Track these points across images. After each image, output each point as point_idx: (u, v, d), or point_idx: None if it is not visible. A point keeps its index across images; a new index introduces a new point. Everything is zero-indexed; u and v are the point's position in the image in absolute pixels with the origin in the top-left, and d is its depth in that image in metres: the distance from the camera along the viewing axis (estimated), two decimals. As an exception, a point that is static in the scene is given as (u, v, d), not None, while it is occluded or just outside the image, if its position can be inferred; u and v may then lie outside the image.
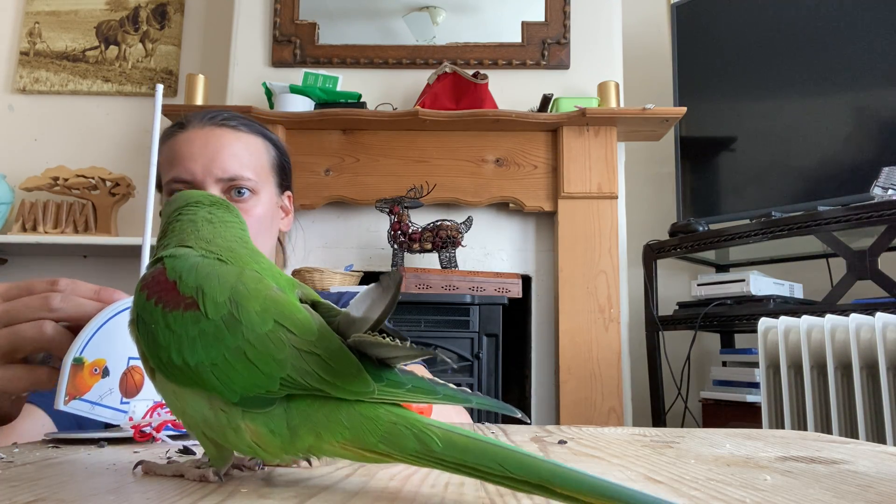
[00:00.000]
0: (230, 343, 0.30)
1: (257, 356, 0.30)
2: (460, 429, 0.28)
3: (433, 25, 2.48)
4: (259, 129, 0.97)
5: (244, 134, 0.94)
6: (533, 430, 0.62)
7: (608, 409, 2.10)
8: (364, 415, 0.29)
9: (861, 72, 2.06)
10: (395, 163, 2.30)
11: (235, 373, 0.30)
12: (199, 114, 0.94)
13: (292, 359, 0.29)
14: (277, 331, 0.30)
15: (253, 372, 0.30)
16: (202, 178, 0.88)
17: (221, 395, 0.31)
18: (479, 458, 0.26)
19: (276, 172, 0.98)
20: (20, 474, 0.36)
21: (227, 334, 0.31)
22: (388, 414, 0.29)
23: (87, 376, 0.48)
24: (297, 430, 0.30)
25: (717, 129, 2.38)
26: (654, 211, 2.60)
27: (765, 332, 1.65)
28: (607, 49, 2.42)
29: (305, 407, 0.30)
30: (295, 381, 0.29)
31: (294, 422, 0.30)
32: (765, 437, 0.60)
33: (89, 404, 0.48)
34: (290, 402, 0.30)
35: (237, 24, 2.47)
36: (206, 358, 0.31)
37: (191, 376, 0.31)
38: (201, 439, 0.34)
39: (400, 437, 0.28)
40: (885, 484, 0.36)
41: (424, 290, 2.04)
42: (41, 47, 2.84)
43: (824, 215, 1.78)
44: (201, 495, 0.31)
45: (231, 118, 0.95)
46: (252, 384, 0.30)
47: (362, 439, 0.29)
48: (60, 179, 2.51)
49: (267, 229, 0.94)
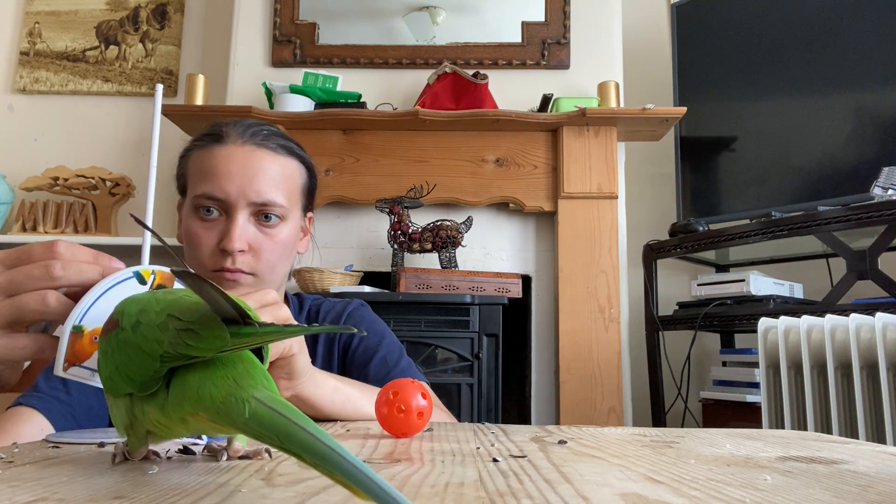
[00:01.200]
0: (132, 341, 0.36)
1: (146, 343, 0.35)
2: (284, 409, 0.30)
3: (433, 25, 2.48)
4: (297, 152, 0.94)
5: (282, 157, 0.91)
6: (533, 430, 0.62)
7: (608, 409, 2.10)
8: (215, 384, 0.33)
9: (861, 72, 2.06)
10: (395, 163, 2.30)
11: (133, 364, 0.35)
12: (238, 127, 0.90)
13: (171, 337, 0.34)
14: (168, 321, 0.35)
15: (143, 357, 0.35)
16: (235, 200, 0.86)
17: (129, 391, 0.36)
18: (275, 431, 0.29)
19: (304, 196, 0.96)
20: (20, 474, 0.36)
21: (131, 335, 0.36)
22: (232, 387, 0.32)
23: (87, 344, 0.48)
24: (171, 402, 0.35)
25: (717, 129, 2.38)
26: (654, 211, 2.60)
27: (765, 332, 1.65)
28: (607, 49, 2.42)
29: (179, 381, 0.34)
30: (171, 354, 0.34)
31: (171, 396, 0.35)
32: (765, 437, 0.60)
33: (89, 371, 0.48)
34: (173, 379, 0.35)
35: (237, 24, 2.47)
36: (118, 361, 0.37)
37: (112, 386, 0.37)
38: (128, 434, 0.39)
39: (231, 407, 0.32)
40: (885, 484, 0.36)
41: (424, 290, 2.04)
42: (41, 47, 2.84)
43: (824, 215, 1.78)
44: (201, 495, 0.31)
45: (270, 136, 0.91)
46: (143, 368, 0.35)
47: (207, 407, 0.33)
48: (60, 179, 2.51)
49: (287, 255, 0.92)
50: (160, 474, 0.37)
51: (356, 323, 1.03)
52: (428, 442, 0.53)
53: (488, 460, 0.43)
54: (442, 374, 2.00)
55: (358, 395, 0.76)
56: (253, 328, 0.32)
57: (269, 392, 0.32)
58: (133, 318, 0.36)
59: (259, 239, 0.87)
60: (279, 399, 0.31)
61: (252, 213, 0.87)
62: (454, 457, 0.44)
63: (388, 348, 0.99)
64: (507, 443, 0.52)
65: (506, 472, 0.38)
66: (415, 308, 2.00)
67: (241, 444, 0.42)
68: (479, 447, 0.49)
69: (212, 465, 0.40)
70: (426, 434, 0.59)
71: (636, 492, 0.33)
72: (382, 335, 1.01)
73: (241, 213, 0.86)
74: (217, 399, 0.32)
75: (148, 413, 0.36)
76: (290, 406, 0.31)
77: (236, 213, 0.86)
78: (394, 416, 0.55)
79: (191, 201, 0.89)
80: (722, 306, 1.99)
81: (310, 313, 1.04)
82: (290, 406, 0.31)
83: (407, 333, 1.97)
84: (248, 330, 0.32)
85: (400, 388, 0.56)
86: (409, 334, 1.97)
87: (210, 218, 0.87)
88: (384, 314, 1.97)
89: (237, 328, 0.32)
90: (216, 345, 0.32)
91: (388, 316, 1.96)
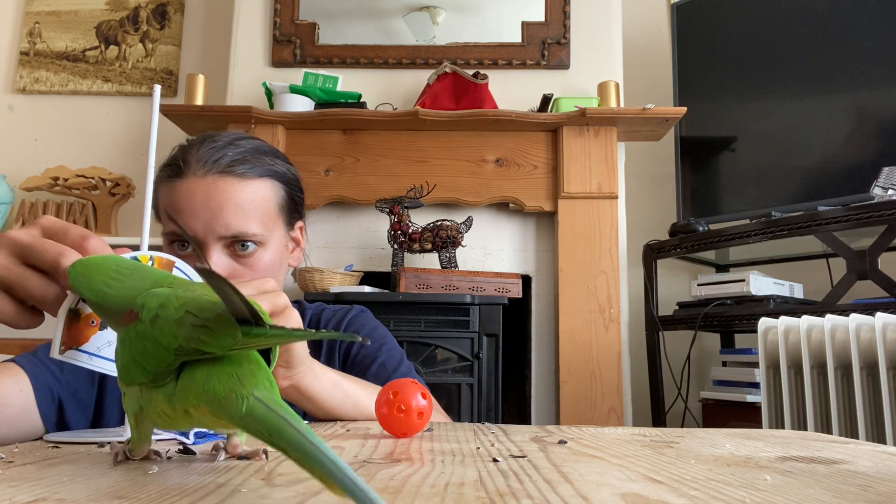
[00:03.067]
0: (149, 333, 0.37)
1: (162, 336, 0.36)
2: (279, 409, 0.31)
3: (433, 25, 2.48)
4: (268, 170, 0.87)
5: (251, 181, 0.84)
6: (533, 430, 0.62)
7: (608, 409, 2.10)
8: (220, 380, 0.34)
9: (861, 72, 2.06)
10: (395, 163, 2.30)
11: (149, 355, 0.37)
12: (199, 155, 0.83)
13: (186, 332, 0.35)
14: (185, 317, 0.36)
15: (159, 349, 0.36)
16: (203, 237, 0.81)
17: (142, 380, 0.38)
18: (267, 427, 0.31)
19: (285, 213, 0.90)
20: (20, 474, 0.36)
21: (149, 328, 0.37)
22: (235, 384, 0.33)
23: (84, 327, 0.48)
24: (178, 393, 0.36)
25: (717, 129, 2.38)
26: (654, 211, 2.60)
27: (765, 332, 1.65)
28: (607, 49, 2.42)
29: (188, 374, 0.36)
30: (185, 348, 0.35)
31: (178, 388, 0.36)
32: (765, 437, 0.60)
33: (87, 355, 0.48)
34: (183, 372, 0.36)
35: (237, 24, 2.47)
36: (133, 353, 0.38)
37: (127, 375, 0.39)
38: (132, 425, 0.40)
39: (231, 403, 0.33)
40: (885, 484, 0.36)
41: (424, 290, 2.04)
42: (41, 47, 2.84)
43: (824, 215, 1.78)
44: (201, 495, 0.31)
45: (235, 162, 0.84)
46: (158, 360, 0.36)
47: (209, 400, 0.34)
48: (60, 179, 2.51)
49: (274, 276, 0.87)
50: (160, 474, 0.37)
51: (357, 329, 1.02)
52: (428, 442, 0.53)
53: (488, 460, 0.43)
54: (442, 375, 2.00)
55: (360, 392, 0.75)
56: (264, 329, 0.33)
57: (269, 393, 0.33)
58: (152, 312, 0.37)
59: (238, 270, 0.83)
60: (277, 400, 0.33)
61: (226, 245, 0.83)
62: (454, 457, 0.44)
63: (387, 353, 0.98)
64: (507, 443, 0.52)
65: (506, 472, 0.38)
66: (415, 308, 2.00)
67: (239, 440, 0.43)
68: (479, 447, 0.49)
69: (212, 465, 0.40)
70: (426, 434, 0.59)
71: (636, 492, 0.33)
72: (383, 341, 1.01)
73: (213, 249, 0.82)
74: (219, 394, 0.33)
75: (155, 402, 0.37)
76: (286, 407, 0.32)
77: (208, 249, 0.82)
78: (394, 416, 0.55)
79: (165, 239, 0.85)
80: (722, 306, 1.99)
81: (311, 322, 1.04)
82: (287, 407, 0.32)
83: (407, 333, 1.97)
84: (258, 331, 0.33)
85: (400, 388, 0.56)
86: (409, 334, 1.97)
87: (185, 252, 0.84)
88: (384, 314, 1.98)
89: (249, 328, 0.33)
90: (227, 343, 0.34)
91: (388, 316, 1.97)
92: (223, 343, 0.34)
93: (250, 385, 0.33)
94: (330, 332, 0.33)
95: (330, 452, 0.28)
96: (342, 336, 0.33)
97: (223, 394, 0.33)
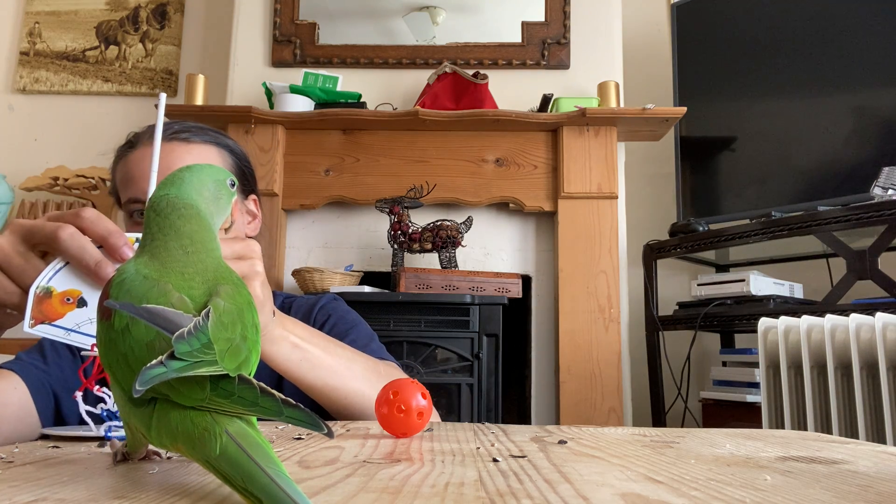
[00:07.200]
0: (120, 349, 0.35)
1: (135, 362, 0.34)
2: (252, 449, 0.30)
3: (433, 25, 2.48)
4: (213, 138, 0.93)
5: (196, 145, 0.89)
6: (533, 430, 0.62)
7: (608, 410, 2.10)
8: (193, 420, 0.32)
9: (861, 72, 2.06)
10: (395, 163, 2.30)
11: (122, 374, 0.35)
12: (148, 130, 0.90)
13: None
14: (155, 341, 0.33)
15: (130, 376, 0.33)
16: None
17: (119, 392, 0.36)
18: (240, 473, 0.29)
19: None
20: (20, 474, 0.36)
21: (120, 342, 0.35)
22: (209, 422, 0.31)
23: (57, 304, 0.50)
24: (154, 428, 0.34)
25: (717, 129, 2.38)
26: (654, 211, 2.60)
27: (765, 332, 1.65)
28: (607, 49, 2.42)
29: (162, 410, 0.33)
30: (154, 388, 0.32)
31: (155, 421, 0.34)
32: (765, 437, 0.60)
33: (63, 330, 0.50)
34: (157, 405, 0.34)
35: (237, 24, 2.47)
36: (109, 360, 0.36)
37: (111, 376, 0.37)
38: (125, 427, 0.39)
39: (206, 443, 0.31)
40: (885, 484, 0.36)
41: (424, 290, 2.04)
42: (41, 47, 2.84)
43: (824, 215, 1.78)
44: (201, 495, 0.31)
45: (182, 130, 0.90)
46: (130, 381, 0.33)
47: (185, 441, 0.32)
48: (60, 179, 2.51)
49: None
50: (160, 474, 0.37)
51: (328, 315, 1.02)
52: (428, 442, 0.53)
53: (488, 460, 0.43)
54: (442, 374, 2.00)
55: (330, 361, 0.75)
56: (232, 385, 0.31)
57: (243, 425, 0.32)
58: (124, 319, 0.35)
59: None
60: (251, 433, 0.31)
61: None
62: (454, 457, 0.44)
63: (357, 333, 0.98)
64: (507, 443, 0.52)
65: (506, 472, 0.38)
66: (415, 308, 1.99)
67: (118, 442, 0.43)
68: (479, 447, 0.49)
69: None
70: (426, 434, 0.59)
71: (636, 492, 0.33)
72: (354, 324, 1.00)
73: None
74: (194, 435, 0.31)
75: (135, 423, 0.36)
76: (259, 444, 0.30)
77: None
78: (394, 416, 0.55)
79: (125, 210, 0.90)
80: (722, 306, 1.99)
81: (282, 309, 1.04)
82: (260, 444, 0.30)
83: (407, 333, 1.97)
84: (229, 388, 0.31)
85: (400, 388, 0.56)
86: (409, 334, 1.97)
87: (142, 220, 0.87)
88: (384, 314, 1.99)
89: (225, 383, 0.32)
90: (195, 397, 0.32)
91: (388, 316, 1.97)
92: (191, 395, 0.32)
93: (223, 421, 0.31)
94: (299, 411, 0.30)
95: (303, 500, 0.27)
96: (306, 422, 0.30)
97: (198, 434, 0.31)
